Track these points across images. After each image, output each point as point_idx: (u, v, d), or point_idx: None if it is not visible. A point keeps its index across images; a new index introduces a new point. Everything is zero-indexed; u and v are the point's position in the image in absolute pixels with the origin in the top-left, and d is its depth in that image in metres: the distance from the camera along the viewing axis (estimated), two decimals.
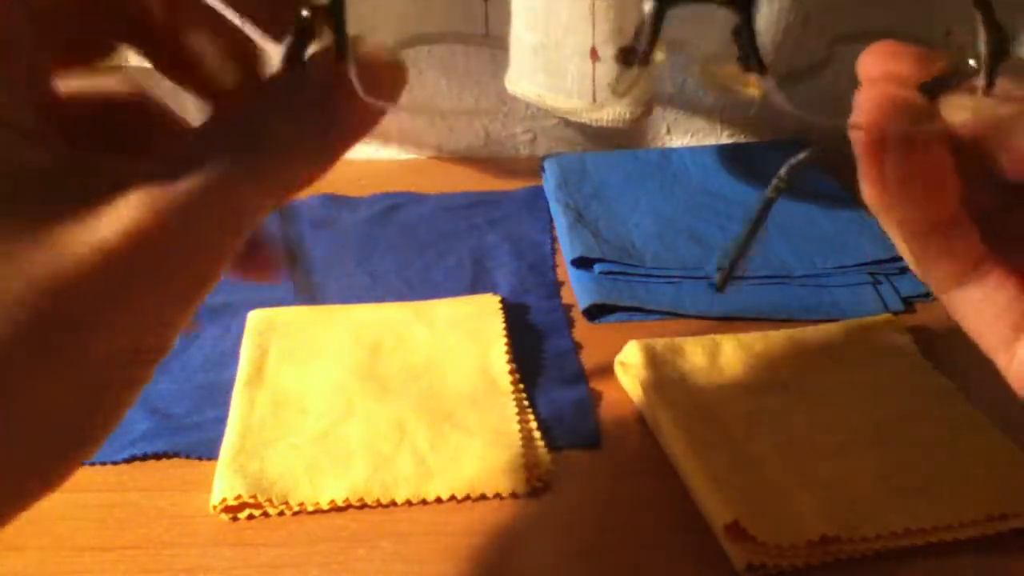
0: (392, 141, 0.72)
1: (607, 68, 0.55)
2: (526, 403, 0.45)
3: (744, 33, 0.23)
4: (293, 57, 0.21)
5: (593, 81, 0.56)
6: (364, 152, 0.71)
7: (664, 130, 0.74)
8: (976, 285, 0.23)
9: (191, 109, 0.24)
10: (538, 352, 0.49)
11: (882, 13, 0.63)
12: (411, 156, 0.73)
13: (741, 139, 0.75)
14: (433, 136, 0.73)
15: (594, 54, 0.54)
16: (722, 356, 0.47)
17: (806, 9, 0.54)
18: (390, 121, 0.71)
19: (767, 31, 0.55)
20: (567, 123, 0.73)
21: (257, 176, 0.21)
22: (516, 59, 0.60)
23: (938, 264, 0.24)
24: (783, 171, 0.29)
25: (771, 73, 0.24)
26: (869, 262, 0.55)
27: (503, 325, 0.49)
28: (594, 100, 0.56)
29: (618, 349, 0.47)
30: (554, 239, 0.60)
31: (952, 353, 0.49)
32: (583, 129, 0.73)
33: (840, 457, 0.41)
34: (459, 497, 0.39)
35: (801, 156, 0.27)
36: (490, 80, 0.70)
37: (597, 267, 0.55)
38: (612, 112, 0.57)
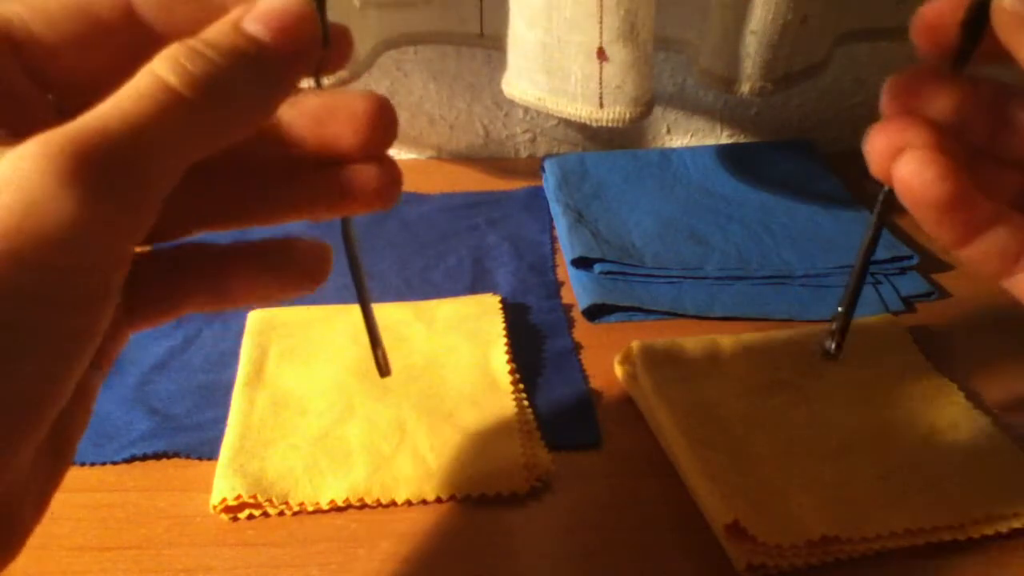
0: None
1: (616, 69, 0.55)
2: (526, 403, 0.45)
3: None
4: None
5: (600, 84, 0.55)
6: None
7: (664, 130, 0.74)
8: None
9: None
10: (538, 352, 0.49)
11: (882, 13, 0.63)
12: (411, 156, 0.73)
13: (741, 139, 0.75)
14: (433, 136, 0.73)
15: (602, 54, 0.54)
16: (722, 356, 0.47)
17: (805, 9, 0.54)
18: None
19: (764, 31, 0.55)
20: (567, 123, 0.73)
21: (196, 122, 0.20)
22: (514, 59, 0.59)
23: (982, 267, 0.24)
24: (879, 208, 0.28)
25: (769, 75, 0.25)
26: (869, 262, 0.55)
27: (503, 325, 0.49)
28: (601, 105, 0.56)
29: (618, 349, 0.47)
30: (554, 239, 0.60)
31: (952, 353, 0.49)
32: (583, 129, 0.73)
33: (840, 457, 0.41)
34: (459, 497, 0.39)
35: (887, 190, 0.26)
36: (485, 83, 0.70)
37: (597, 267, 0.55)
38: (612, 112, 0.57)
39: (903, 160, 0.23)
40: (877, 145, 0.24)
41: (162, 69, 0.20)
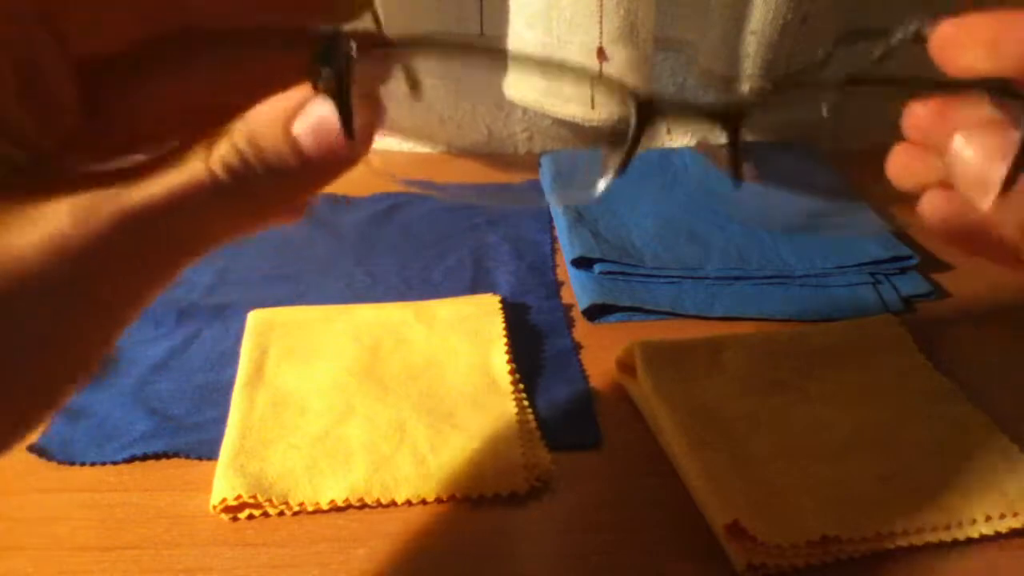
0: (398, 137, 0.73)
1: (615, 69, 0.55)
2: (526, 403, 0.45)
3: (731, 148, 0.24)
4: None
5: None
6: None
7: (664, 130, 0.74)
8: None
9: None
10: (538, 352, 0.49)
11: (882, 13, 0.63)
12: (425, 150, 0.74)
13: None
14: (443, 134, 0.73)
15: (601, 54, 0.54)
16: (722, 356, 0.47)
17: (805, 9, 0.54)
18: (403, 119, 0.72)
19: (764, 31, 0.55)
20: (566, 122, 0.73)
21: (230, 209, 0.22)
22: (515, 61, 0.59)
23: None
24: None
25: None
26: (869, 262, 0.55)
27: (503, 325, 0.49)
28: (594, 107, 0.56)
29: (618, 349, 0.47)
30: (554, 239, 0.60)
31: (952, 353, 0.49)
32: (582, 129, 0.73)
33: (840, 457, 0.41)
34: (459, 497, 0.39)
35: None
36: (486, 86, 0.70)
37: (597, 267, 0.55)
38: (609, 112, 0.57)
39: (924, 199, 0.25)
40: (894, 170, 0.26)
41: (204, 157, 0.22)
